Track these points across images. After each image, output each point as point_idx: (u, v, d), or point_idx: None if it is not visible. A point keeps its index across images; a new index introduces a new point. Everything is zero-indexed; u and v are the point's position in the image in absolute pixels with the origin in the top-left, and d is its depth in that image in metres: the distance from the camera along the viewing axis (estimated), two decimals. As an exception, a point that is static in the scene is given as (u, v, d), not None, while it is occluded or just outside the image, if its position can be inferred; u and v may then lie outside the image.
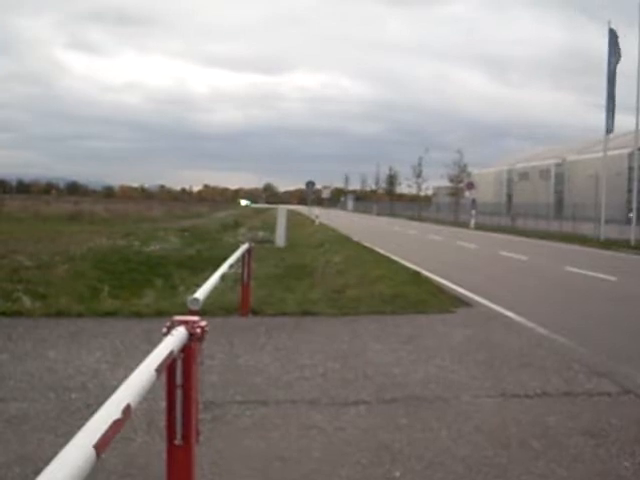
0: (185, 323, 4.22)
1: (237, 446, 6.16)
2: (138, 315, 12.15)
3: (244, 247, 12.70)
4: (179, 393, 4.15)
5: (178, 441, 4.19)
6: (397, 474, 5.58)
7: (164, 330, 4.09)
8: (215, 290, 15.07)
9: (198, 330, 4.26)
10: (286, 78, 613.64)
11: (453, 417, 7.08)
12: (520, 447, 6.28)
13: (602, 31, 47.68)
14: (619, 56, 47.04)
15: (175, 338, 3.96)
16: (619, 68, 47.12)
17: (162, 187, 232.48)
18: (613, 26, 47.19)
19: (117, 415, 2.73)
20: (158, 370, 3.46)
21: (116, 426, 2.68)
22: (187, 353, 4.15)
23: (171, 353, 3.80)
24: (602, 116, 48.48)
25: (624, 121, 47.34)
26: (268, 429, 6.61)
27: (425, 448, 6.17)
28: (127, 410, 2.84)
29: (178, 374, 4.13)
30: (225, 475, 5.53)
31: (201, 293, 6.86)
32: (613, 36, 47.22)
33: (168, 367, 4.03)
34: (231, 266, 10.65)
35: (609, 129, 48.45)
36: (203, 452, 5.84)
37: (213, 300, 13.34)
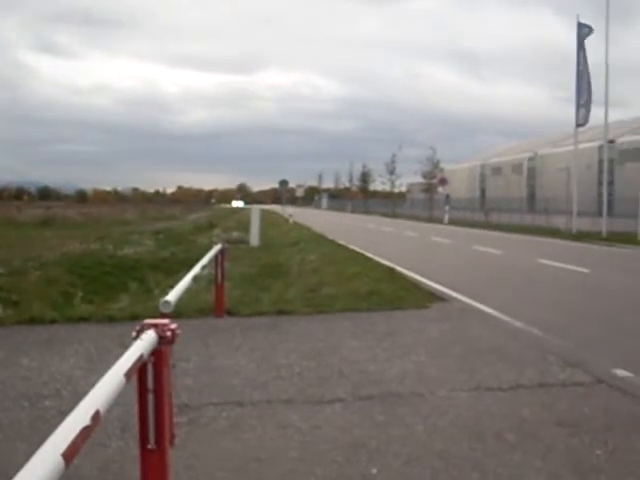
0: (155, 326, 4.21)
1: (213, 448, 6.14)
2: (112, 320, 12.07)
3: (217, 248, 12.66)
4: (151, 397, 4.13)
5: (151, 445, 4.16)
6: (374, 471, 5.58)
7: (134, 334, 4.08)
8: (190, 292, 15.11)
9: (168, 333, 4.25)
10: (257, 77, 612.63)
11: (429, 412, 7.10)
12: (495, 439, 6.30)
13: (572, 25, 47.98)
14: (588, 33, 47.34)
15: (144, 342, 3.94)
16: (589, 62, 47.49)
17: (135, 190, 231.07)
18: (582, 20, 47.56)
19: (86, 422, 2.71)
20: (127, 375, 3.44)
21: (85, 433, 2.66)
22: (157, 357, 4.14)
23: (141, 357, 3.78)
24: (573, 110, 48.80)
25: (595, 114, 47.35)
26: (244, 430, 6.60)
27: (401, 444, 6.17)
28: (96, 416, 2.82)
29: (149, 378, 4.11)
30: (201, 478, 5.52)
31: (173, 295, 6.83)
32: (581, 30, 47.52)
33: (139, 371, 4.01)
34: (204, 267, 10.61)
35: (579, 123, 48.74)
36: (179, 455, 5.84)
37: (188, 302, 13.33)
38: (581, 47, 47.65)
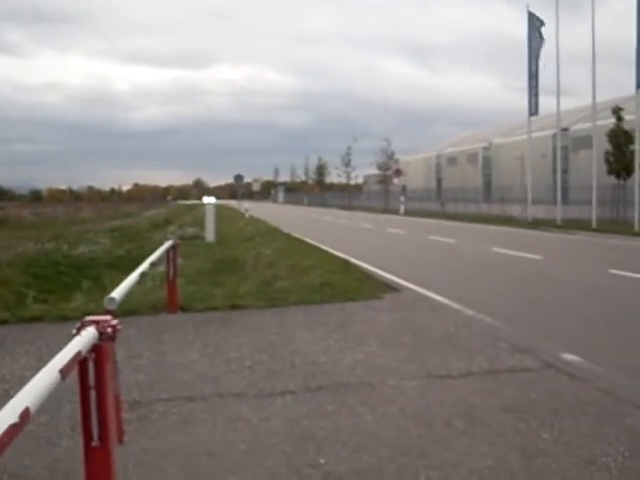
0: (96, 323, 4.20)
1: (163, 444, 6.14)
2: (65, 319, 11.96)
3: (167, 244, 12.61)
4: (93, 394, 4.12)
5: (95, 442, 4.16)
6: (322, 461, 5.61)
7: (74, 331, 4.07)
8: (144, 289, 15.09)
9: (109, 329, 4.24)
10: (210, 72, 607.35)
11: (378, 401, 7.15)
12: (443, 427, 6.36)
13: (523, 15, 48.35)
14: (542, 39, 47.72)
15: (83, 338, 3.94)
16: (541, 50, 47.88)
17: (91, 188, 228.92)
18: (532, 9, 47.95)
19: (14, 419, 2.70)
20: (63, 372, 3.43)
21: (13, 431, 2.65)
22: (98, 353, 4.13)
23: (78, 354, 3.77)
24: (526, 99, 49.23)
25: (549, 103, 47.77)
26: (195, 424, 6.61)
27: (350, 433, 6.21)
28: (25, 414, 2.81)
29: (91, 375, 4.11)
30: (151, 473, 5.52)
31: (118, 292, 6.81)
32: (532, 19, 47.91)
33: (79, 368, 4.01)
34: (154, 264, 10.59)
35: (532, 112, 49.16)
36: (128, 452, 5.85)
37: (142, 299, 13.31)
38: (532, 37, 48.03)
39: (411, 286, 15.65)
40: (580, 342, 10.04)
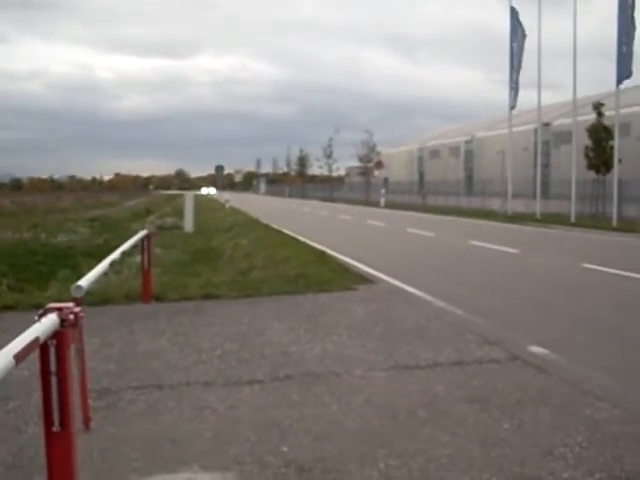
0: (58, 310, 4.24)
1: (129, 431, 6.20)
2: (39, 307, 11.94)
3: (141, 233, 12.65)
4: (54, 380, 4.16)
5: (56, 428, 4.20)
6: (285, 449, 5.68)
7: (36, 317, 4.12)
8: (120, 278, 15.12)
9: (71, 316, 4.28)
10: (193, 62, 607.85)
11: (345, 391, 7.22)
12: (407, 416, 6.45)
13: (506, 9, 48.44)
14: (524, 34, 47.87)
15: (42, 325, 3.98)
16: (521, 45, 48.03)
17: (72, 177, 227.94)
18: (515, 4, 48.08)
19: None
20: (17, 357, 3.47)
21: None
22: (60, 340, 4.17)
23: (36, 340, 3.82)
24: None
25: (532, 97, 47.90)
26: (161, 412, 6.66)
27: (315, 422, 6.28)
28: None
29: (52, 361, 4.15)
30: (115, 460, 5.56)
31: (86, 280, 6.86)
32: (514, 14, 48.04)
33: (41, 354, 4.06)
34: (131, 254, 10.63)
35: (513, 105, 49.32)
36: (94, 439, 5.91)
37: (116, 288, 13.36)
38: (514, 31, 48.15)
39: (386, 278, 15.73)
40: (549, 335, 10.14)
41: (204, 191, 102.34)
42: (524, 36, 47.95)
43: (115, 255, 9.44)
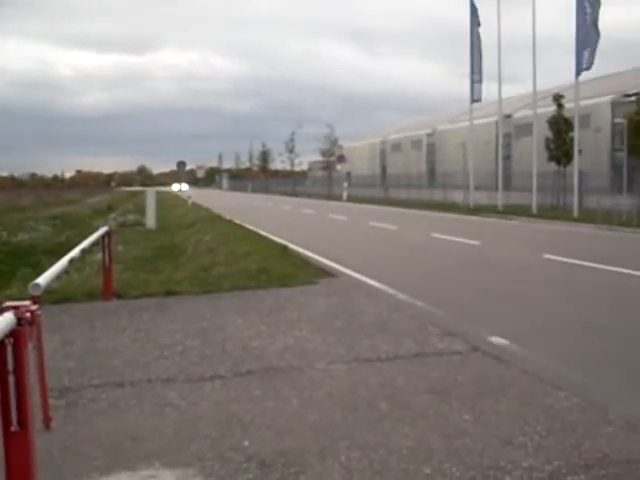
0: (14, 308, 4.22)
1: (90, 429, 6.17)
2: (-4, 308, 11.88)
3: (101, 231, 12.59)
4: (12, 379, 4.14)
5: (14, 427, 4.17)
6: (246, 444, 5.68)
7: (-9, 317, 4.09)
8: (82, 276, 15.03)
9: (28, 315, 4.26)
10: (154, 57, 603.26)
11: (306, 385, 7.24)
12: (368, 409, 6.47)
13: (466, 2, 48.53)
14: (478, 22, 48.06)
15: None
16: (484, 38, 48.26)
17: (33, 175, 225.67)
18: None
19: None
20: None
21: None
22: (17, 338, 4.14)
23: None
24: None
25: (495, 90, 47.94)
26: (122, 410, 6.64)
27: (276, 417, 6.30)
28: None
29: (9, 360, 4.12)
30: (76, 458, 5.54)
31: (44, 278, 6.84)
32: (474, 7, 48.22)
33: (-4, 353, 4.04)
34: (92, 251, 10.57)
35: (474, 98, 49.50)
36: (55, 437, 5.89)
37: (78, 286, 13.29)
38: (474, 24, 48.33)
39: (347, 271, 15.78)
40: (509, 325, 10.24)
41: (175, 188, 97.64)
42: (478, 24, 48.02)
43: (74, 253, 9.40)
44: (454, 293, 13.38)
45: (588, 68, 37.69)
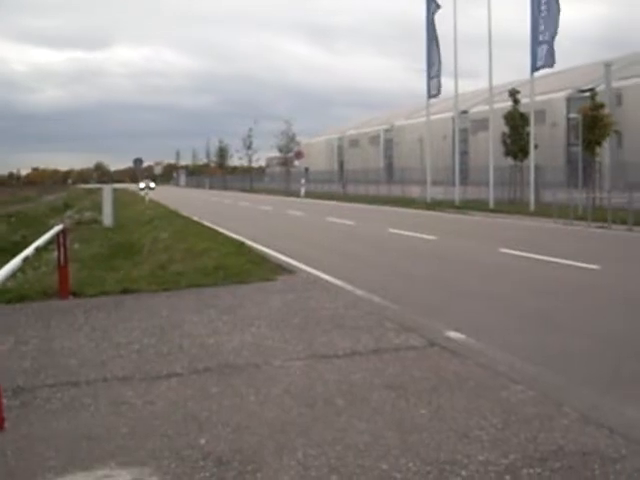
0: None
1: (44, 429, 6.11)
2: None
3: (56, 229, 12.48)
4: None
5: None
6: (202, 442, 5.66)
7: None
8: (38, 274, 14.90)
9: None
10: (108, 54, 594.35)
11: (263, 382, 7.22)
12: (325, 405, 6.47)
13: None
14: (434, 11, 48.15)
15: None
16: (440, 34, 48.42)
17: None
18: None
19: None
20: None
21: None
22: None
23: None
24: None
25: (452, 85, 47.95)
26: (77, 410, 6.58)
27: (233, 414, 6.27)
28: None
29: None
30: (30, 459, 5.48)
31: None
32: (430, 3, 48.36)
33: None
34: (41, 249, 10.48)
35: (431, 94, 49.68)
36: (8, 439, 5.83)
37: (33, 285, 13.17)
38: (430, 20, 48.48)
39: (305, 268, 15.79)
40: (465, 320, 10.30)
41: (142, 185, 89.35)
42: (434, 14, 48.16)
43: (29, 251, 9.30)
44: (411, 288, 13.44)
45: (549, 66, 38.01)
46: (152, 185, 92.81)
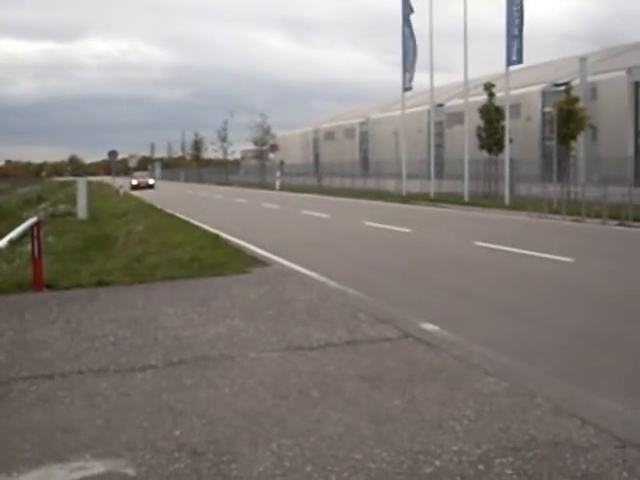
0: None
1: (19, 422, 6.10)
2: None
3: (30, 221, 12.44)
4: None
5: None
6: (177, 433, 5.67)
7: None
8: (12, 267, 14.84)
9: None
10: (83, 46, 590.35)
11: (237, 373, 7.24)
12: (299, 396, 6.49)
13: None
14: (411, 10, 48.23)
15: None
16: (416, 28, 48.49)
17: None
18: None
19: None
20: None
21: None
22: None
23: None
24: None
25: (427, 79, 47.97)
26: (52, 402, 6.57)
27: (208, 406, 6.29)
28: None
29: None
30: (4, 451, 5.47)
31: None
32: (405, 3, 48.38)
33: None
34: (15, 242, 10.44)
35: (406, 87, 49.74)
36: (-18, 431, 5.80)
37: (6, 277, 13.12)
38: (406, 13, 48.50)
39: (280, 260, 15.82)
40: (439, 312, 10.37)
41: (134, 182, 76.51)
42: (410, 11, 48.19)
43: (2, 244, 9.28)
44: (386, 281, 13.49)
45: (519, 61, 38.25)
46: (151, 182, 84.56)
